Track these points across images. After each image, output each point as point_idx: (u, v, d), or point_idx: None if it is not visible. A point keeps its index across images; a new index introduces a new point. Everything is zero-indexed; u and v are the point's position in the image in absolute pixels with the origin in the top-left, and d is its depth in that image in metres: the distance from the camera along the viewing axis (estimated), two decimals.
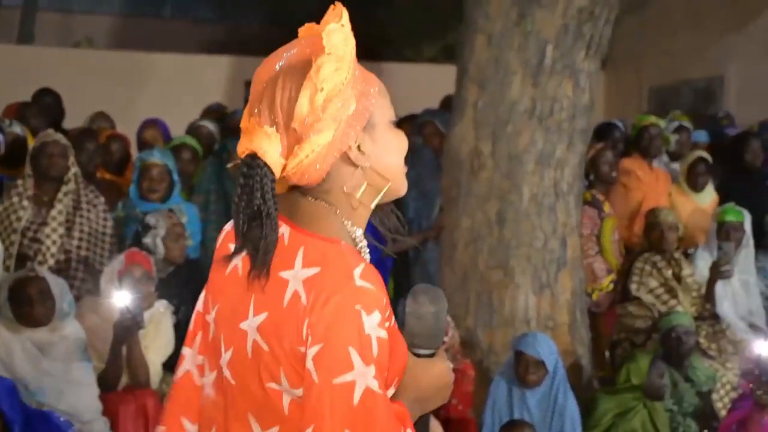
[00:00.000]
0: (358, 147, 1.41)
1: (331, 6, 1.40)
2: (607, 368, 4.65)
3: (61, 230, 4.20)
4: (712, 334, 4.54)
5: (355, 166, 1.42)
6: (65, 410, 3.46)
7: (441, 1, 4.29)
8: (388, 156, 1.45)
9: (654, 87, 8.91)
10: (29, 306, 3.54)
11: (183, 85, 7.58)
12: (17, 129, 4.73)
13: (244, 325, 1.41)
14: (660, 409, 3.89)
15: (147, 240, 4.11)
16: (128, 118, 6.07)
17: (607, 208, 4.92)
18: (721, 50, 8.17)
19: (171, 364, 3.88)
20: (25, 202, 4.18)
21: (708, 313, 4.65)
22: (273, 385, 1.39)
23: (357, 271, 1.36)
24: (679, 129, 5.83)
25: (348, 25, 1.39)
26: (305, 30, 1.45)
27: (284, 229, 1.41)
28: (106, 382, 3.65)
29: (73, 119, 5.81)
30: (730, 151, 5.51)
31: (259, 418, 1.41)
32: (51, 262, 4.15)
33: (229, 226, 1.52)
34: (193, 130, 5.39)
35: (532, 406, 3.81)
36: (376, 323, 1.35)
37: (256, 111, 1.41)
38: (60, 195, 4.22)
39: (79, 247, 4.23)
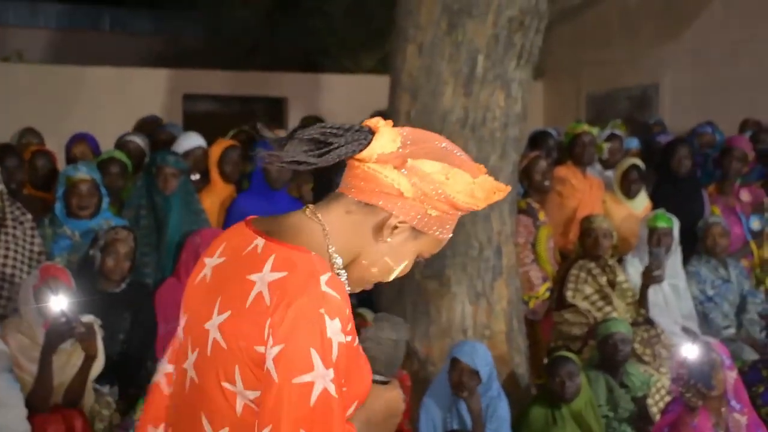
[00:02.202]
0: (395, 227, 1.47)
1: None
2: (545, 375, 4.68)
3: None
4: (647, 340, 4.59)
5: (377, 229, 1.47)
6: None
7: (378, 13, 4.31)
8: (391, 263, 1.51)
9: (591, 95, 9.05)
10: None
11: (118, 99, 7.49)
12: None
13: (207, 325, 1.45)
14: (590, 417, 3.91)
15: (91, 252, 4.06)
16: (61, 133, 5.96)
17: (542, 216, 4.95)
18: (655, 59, 8.34)
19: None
20: None
21: (642, 319, 4.70)
22: (228, 386, 1.42)
23: (323, 278, 1.40)
24: (612, 137, 5.91)
25: (496, 197, 1.52)
26: (478, 166, 1.54)
27: (259, 241, 1.46)
28: (35, 399, 3.57)
29: (4, 135, 5.69)
30: (661, 158, 5.59)
31: (212, 418, 1.44)
32: None
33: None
34: (121, 144, 5.32)
35: (466, 414, 3.81)
36: (338, 329, 1.38)
37: (403, 129, 1.50)
38: None
39: (4, 266, 4.15)
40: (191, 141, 5.24)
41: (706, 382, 3.46)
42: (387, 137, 1.45)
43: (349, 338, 1.41)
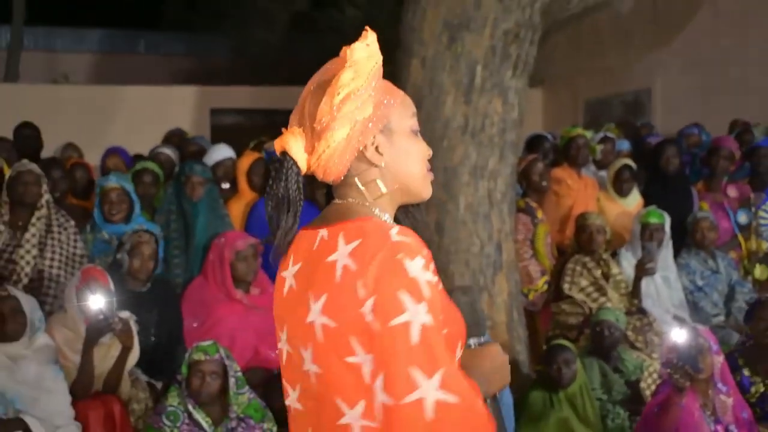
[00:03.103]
0: (376, 148, 1.48)
1: (364, 31, 1.50)
2: (543, 362, 4.67)
3: (35, 252, 4.21)
4: (639, 328, 4.58)
5: (372, 164, 1.48)
6: (40, 416, 3.46)
7: (388, 30, 4.34)
8: (406, 160, 1.51)
9: (588, 100, 9.02)
10: (2, 323, 3.56)
11: (151, 114, 7.58)
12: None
13: (309, 318, 1.44)
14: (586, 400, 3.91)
15: (118, 256, 4.14)
16: (101, 146, 6.06)
17: (539, 214, 4.96)
18: (647, 66, 8.31)
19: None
20: (1, 227, 4.20)
21: (635, 308, 4.70)
22: (351, 359, 1.40)
23: (392, 231, 1.41)
24: (605, 139, 5.89)
25: (374, 45, 1.48)
26: (342, 52, 1.51)
27: (323, 232, 1.47)
28: (78, 388, 3.66)
29: (52, 150, 5.83)
30: (651, 158, 5.58)
31: (346, 398, 1.41)
32: (25, 281, 4.18)
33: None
34: (153, 155, 5.39)
35: None
36: (419, 267, 1.38)
37: (291, 120, 1.52)
38: (33, 219, 4.25)
39: (51, 267, 4.25)
40: (222, 152, 5.31)
41: (693, 364, 3.46)
42: (293, 142, 1.47)
43: (435, 278, 1.40)
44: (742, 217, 5.47)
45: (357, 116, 1.46)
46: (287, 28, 9.88)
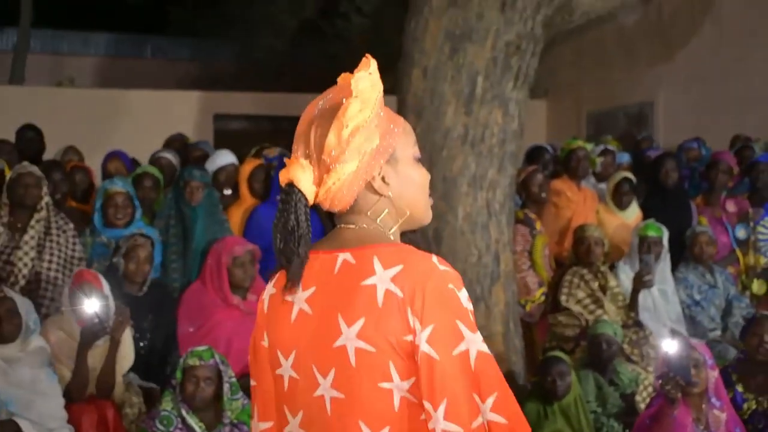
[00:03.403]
0: (383, 178, 1.49)
1: (364, 58, 1.51)
2: (538, 374, 4.67)
3: (33, 254, 4.22)
4: (636, 341, 4.58)
5: (379, 194, 1.50)
6: (33, 419, 3.47)
7: (393, 39, 4.37)
8: (411, 188, 1.53)
9: (591, 113, 9.02)
10: None
11: (155, 119, 7.60)
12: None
13: (339, 342, 1.43)
14: (580, 411, 3.90)
15: (114, 260, 4.15)
16: (104, 150, 6.07)
17: (538, 225, 4.96)
18: (650, 79, 8.31)
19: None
20: (0, 228, 4.19)
21: (632, 321, 4.69)
22: (385, 384, 1.41)
23: (434, 259, 1.43)
24: (605, 152, 5.90)
25: (376, 74, 1.48)
26: (341, 79, 1.52)
27: (345, 255, 1.47)
28: (72, 391, 3.67)
29: (55, 152, 5.86)
30: (650, 171, 5.58)
31: (370, 422, 1.43)
32: (22, 282, 4.19)
33: (270, 290, 1.57)
34: (155, 160, 5.41)
35: None
36: (466, 297, 1.43)
37: (295, 148, 1.51)
38: (32, 222, 4.26)
39: (48, 269, 4.26)
40: (224, 158, 5.32)
41: (685, 376, 3.45)
42: (301, 174, 1.47)
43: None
44: (741, 232, 5.46)
45: (365, 148, 1.47)
46: (293, 35, 9.92)
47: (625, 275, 4.84)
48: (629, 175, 5.43)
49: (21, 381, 3.51)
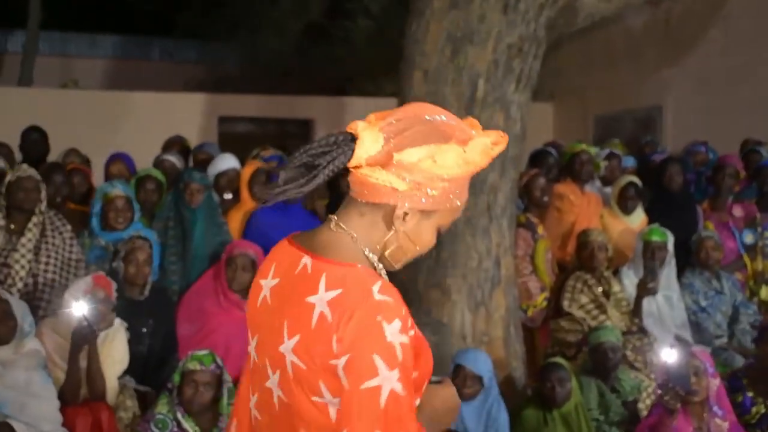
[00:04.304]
0: (405, 215, 1.46)
1: (498, 135, 1.51)
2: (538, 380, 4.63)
3: (30, 256, 4.22)
4: (639, 348, 4.53)
5: (391, 224, 1.47)
6: (27, 421, 3.45)
7: (398, 42, 4.37)
8: (413, 245, 1.51)
9: (599, 116, 8.97)
10: None
11: (159, 121, 7.61)
12: (0, 163, 4.92)
13: (282, 349, 1.45)
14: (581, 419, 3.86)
15: (114, 264, 4.14)
16: (108, 153, 6.07)
17: (540, 230, 4.93)
18: (659, 82, 8.25)
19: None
20: None
21: (636, 328, 4.65)
22: (317, 399, 1.43)
23: (375, 288, 1.41)
24: (611, 156, 5.85)
25: (493, 153, 1.50)
26: (469, 121, 1.52)
27: (306, 260, 1.48)
28: (66, 394, 3.66)
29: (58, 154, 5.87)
30: (655, 175, 5.53)
31: (309, 430, 1.45)
32: (20, 285, 4.18)
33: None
34: (158, 163, 5.41)
35: (467, 418, 3.78)
36: (396, 330, 1.39)
37: (387, 120, 1.46)
38: (30, 224, 4.26)
39: (46, 271, 4.25)
40: (226, 163, 5.30)
41: (684, 386, 3.41)
42: (368, 140, 1.43)
43: (412, 332, 1.42)
44: (748, 237, 5.41)
45: (423, 189, 1.45)
46: (299, 38, 9.92)
47: (629, 281, 4.79)
48: (635, 179, 5.39)
49: (15, 383, 3.50)
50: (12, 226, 4.24)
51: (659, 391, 3.44)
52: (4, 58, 11.34)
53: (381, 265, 1.50)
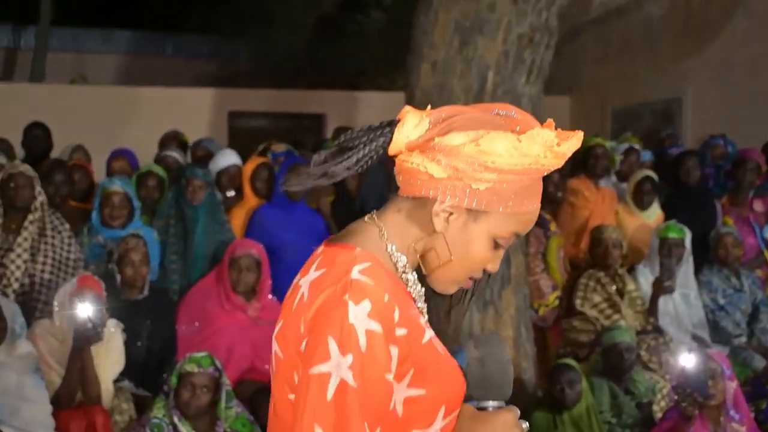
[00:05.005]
0: (449, 215, 1.28)
1: (574, 135, 1.30)
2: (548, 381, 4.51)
3: (26, 256, 4.16)
4: (654, 347, 4.40)
5: (432, 225, 1.28)
6: (19, 426, 3.40)
7: (410, 37, 4.30)
8: (462, 252, 1.29)
9: (616, 109, 8.83)
10: None
11: (168, 117, 7.55)
12: (1, 159, 4.84)
13: (273, 339, 1.31)
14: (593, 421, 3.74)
15: (110, 266, 4.07)
16: (120, 146, 6.02)
17: (553, 227, 4.83)
18: (678, 74, 8.08)
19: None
20: None
21: (651, 327, 4.52)
22: (292, 396, 1.26)
23: (357, 267, 1.24)
24: (629, 151, 5.71)
25: (558, 152, 1.29)
26: (548, 123, 1.31)
27: (321, 248, 1.34)
28: (62, 397, 3.60)
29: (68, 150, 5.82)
30: (672, 169, 5.38)
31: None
32: (15, 285, 4.12)
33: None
34: (160, 159, 5.33)
35: None
36: (363, 313, 1.20)
37: (438, 114, 1.29)
38: (26, 223, 4.19)
39: (42, 272, 4.19)
40: (227, 159, 5.20)
41: (702, 391, 3.29)
42: (410, 124, 1.26)
43: (403, 331, 1.23)
44: None
45: (466, 179, 1.25)
46: (311, 33, 9.87)
47: (645, 279, 4.67)
48: (651, 173, 5.25)
49: (6, 387, 3.44)
50: (12, 226, 4.18)
51: (675, 396, 3.32)
52: (16, 54, 11.36)
53: (412, 272, 1.31)
